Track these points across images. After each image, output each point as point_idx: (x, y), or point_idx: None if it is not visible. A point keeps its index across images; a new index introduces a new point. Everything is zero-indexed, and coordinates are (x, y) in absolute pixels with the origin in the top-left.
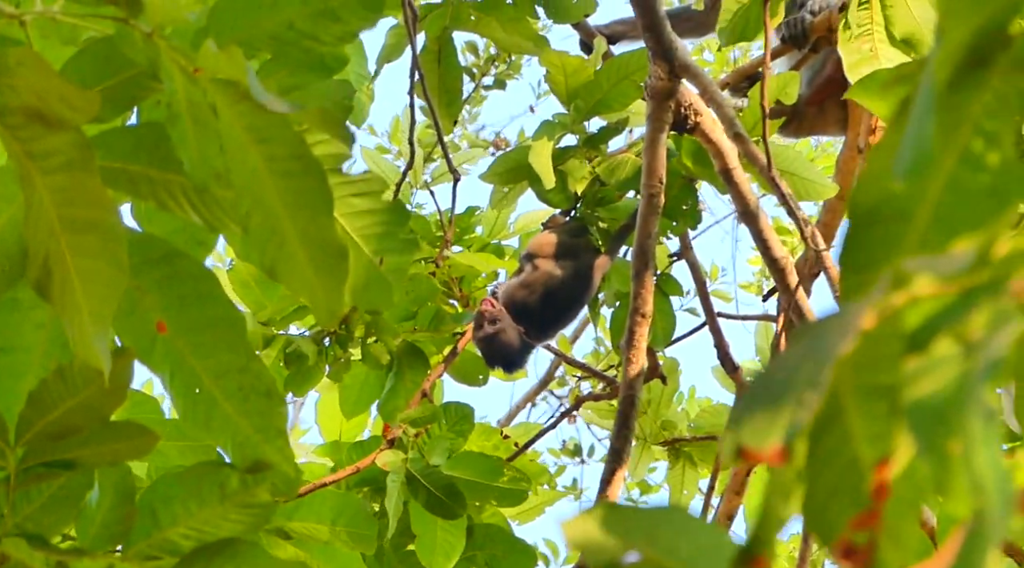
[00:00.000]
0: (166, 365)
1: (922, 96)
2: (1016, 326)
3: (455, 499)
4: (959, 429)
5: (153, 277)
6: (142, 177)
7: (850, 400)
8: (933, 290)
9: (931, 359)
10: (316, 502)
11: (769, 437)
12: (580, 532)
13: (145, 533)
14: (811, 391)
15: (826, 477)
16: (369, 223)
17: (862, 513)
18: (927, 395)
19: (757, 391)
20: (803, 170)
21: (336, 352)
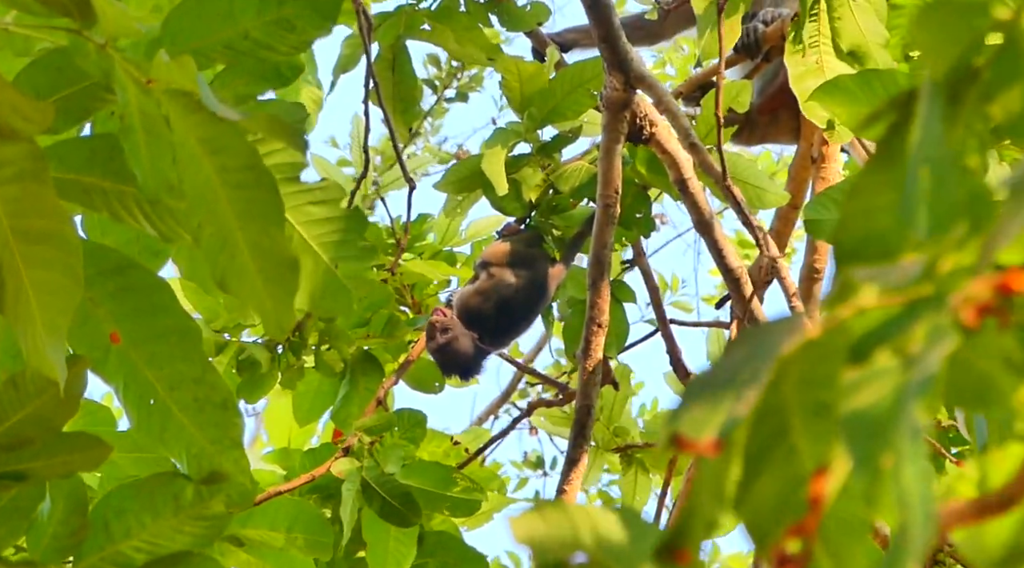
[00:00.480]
0: (120, 376)
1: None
2: (950, 342)
3: (410, 507)
4: (891, 443)
5: (106, 288)
6: (96, 188)
7: (796, 417)
8: (878, 301)
9: (868, 371)
10: (271, 509)
11: (705, 429)
12: (529, 530)
13: (98, 546)
14: (750, 387)
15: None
16: (327, 231)
17: (798, 522)
18: (863, 408)
19: (698, 386)
20: (756, 179)
21: (289, 359)
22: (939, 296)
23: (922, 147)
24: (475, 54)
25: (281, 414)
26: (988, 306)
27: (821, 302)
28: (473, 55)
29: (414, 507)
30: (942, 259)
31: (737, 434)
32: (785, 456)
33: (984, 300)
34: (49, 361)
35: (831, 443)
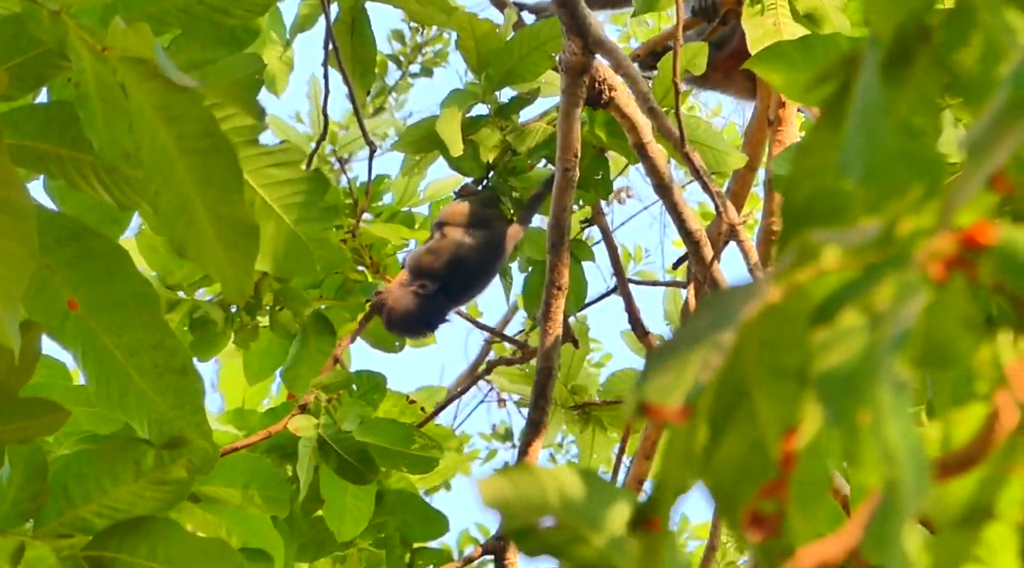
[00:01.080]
0: (78, 343)
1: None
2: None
3: (366, 465)
4: (868, 400)
5: (64, 255)
6: (52, 156)
7: (757, 381)
8: (839, 263)
9: (838, 331)
10: (227, 467)
11: (672, 395)
12: (496, 494)
13: (57, 511)
14: (714, 353)
15: (733, 458)
16: (289, 193)
17: (770, 482)
18: (835, 366)
19: (662, 353)
20: (714, 141)
21: (243, 319)
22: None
23: (859, 102)
24: (435, 15)
25: (235, 374)
26: (955, 260)
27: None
28: (433, 16)
29: (371, 464)
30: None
31: (702, 400)
32: (747, 419)
33: (951, 254)
34: (3, 328)
35: (794, 406)
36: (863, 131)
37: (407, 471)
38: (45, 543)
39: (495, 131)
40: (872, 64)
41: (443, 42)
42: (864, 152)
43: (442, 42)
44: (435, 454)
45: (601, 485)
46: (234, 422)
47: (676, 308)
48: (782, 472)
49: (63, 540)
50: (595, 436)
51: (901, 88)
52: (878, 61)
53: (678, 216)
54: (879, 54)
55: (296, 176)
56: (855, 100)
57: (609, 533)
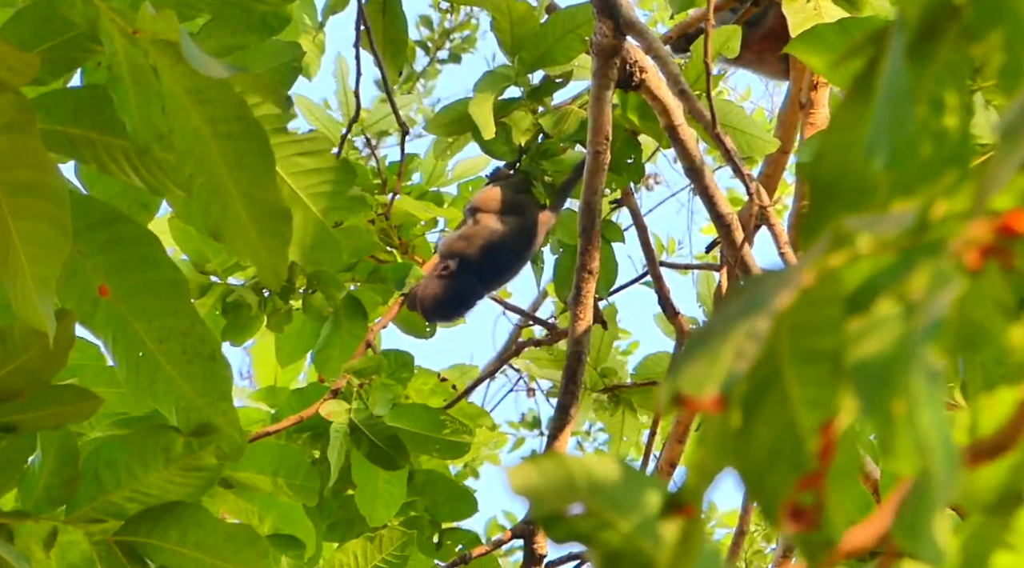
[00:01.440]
0: (108, 329)
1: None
2: (956, 286)
3: (398, 450)
4: (902, 389)
5: (95, 241)
6: (83, 140)
7: (788, 364)
8: (873, 249)
9: (873, 320)
10: (258, 452)
11: (706, 386)
12: (524, 480)
13: (89, 496)
14: (749, 342)
15: (764, 441)
16: (316, 182)
17: (807, 475)
18: (870, 355)
19: (696, 342)
20: (746, 126)
21: (276, 303)
22: (937, 241)
23: (887, 81)
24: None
25: (267, 352)
26: (990, 248)
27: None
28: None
29: (402, 450)
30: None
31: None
32: (779, 404)
33: (986, 242)
34: (39, 314)
35: (826, 389)
36: (889, 109)
37: (438, 456)
38: (77, 528)
39: (527, 114)
40: (899, 41)
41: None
42: (890, 131)
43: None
44: (466, 439)
45: (630, 472)
46: (265, 400)
47: (708, 291)
48: (820, 464)
49: (95, 525)
50: (625, 420)
51: (928, 65)
52: (905, 38)
53: (709, 199)
54: (906, 31)
55: (324, 165)
56: (882, 77)
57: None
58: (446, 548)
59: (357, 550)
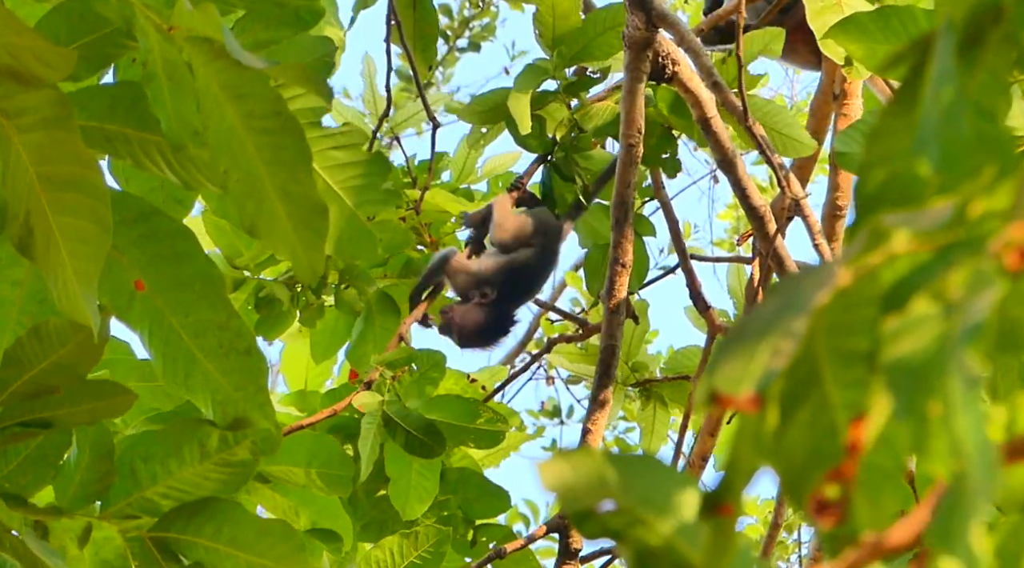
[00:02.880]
0: (144, 323)
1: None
2: (996, 288)
3: (434, 438)
4: (939, 391)
5: (130, 236)
6: (118, 136)
7: (826, 365)
8: (910, 247)
9: (909, 319)
10: (292, 445)
11: (742, 384)
12: (555, 476)
13: (124, 492)
14: (786, 340)
15: (802, 442)
16: (350, 175)
17: (835, 468)
18: (906, 355)
19: (733, 340)
20: (782, 126)
21: (309, 298)
22: (975, 240)
23: (935, 87)
24: None
25: (298, 356)
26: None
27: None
28: None
29: (438, 438)
30: (972, 203)
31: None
32: (817, 404)
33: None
34: (82, 308)
35: (864, 390)
36: (939, 115)
37: (473, 446)
38: (112, 524)
39: (563, 107)
40: (946, 48)
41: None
42: (940, 136)
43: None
44: (501, 428)
45: (662, 468)
46: (296, 404)
47: (740, 284)
48: (849, 459)
49: (129, 521)
50: (656, 414)
51: (974, 70)
52: (952, 44)
53: (741, 191)
54: (953, 37)
55: (358, 158)
56: (929, 84)
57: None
58: (480, 545)
59: (393, 546)
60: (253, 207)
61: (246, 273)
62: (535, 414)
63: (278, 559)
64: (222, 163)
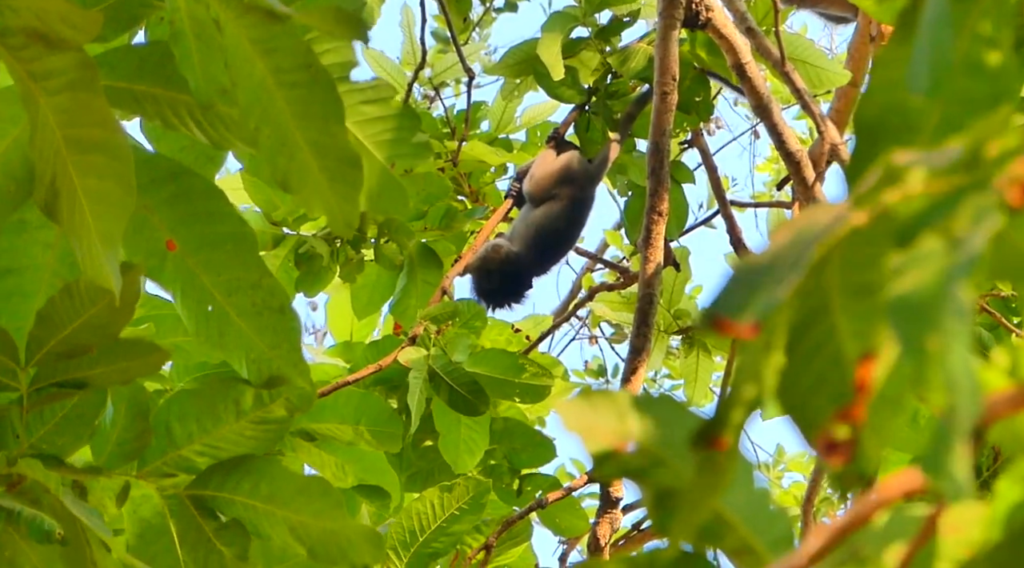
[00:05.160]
0: (177, 283)
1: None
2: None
3: (478, 396)
4: (937, 325)
5: (161, 195)
6: (147, 96)
7: (836, 297)
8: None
9: (915, 255)
10: (340, 403)
11: (744, 311)
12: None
13: (160, 451)
14: (792, 271)
15: (809, 372)
16: (380, 130)
17: (844, 407)
18: (909, 291)
19: (740, 270)
20: (816, 59)
21: (348, 253)
22: (986, 179)
23: (929, 14)
24: None
25: (342, 307)
26: None
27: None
28: None
29: (482, 395)
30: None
31: (778, 319)
32: (827, 339)
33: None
34: (104, 270)
35: (873, 325)
36: (929, 42)
37: (519, 401)
38: (149, 482)
39: (595, 54)
40: None
41: None
42: (930, 64)
43: None
44: (546, 382)
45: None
46: (342, 355)
47: None
48: (858, 398)
49: (167, 479)
50: (699, 362)
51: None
52: None
53: (777, 137)
54: None
55: (388, 112)
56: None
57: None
58: (526, 495)
59: (434, 499)
60: (285, 162)
61: (285, 230)
62: (580, 374)
63: (316, 515)
64: (252, 120)
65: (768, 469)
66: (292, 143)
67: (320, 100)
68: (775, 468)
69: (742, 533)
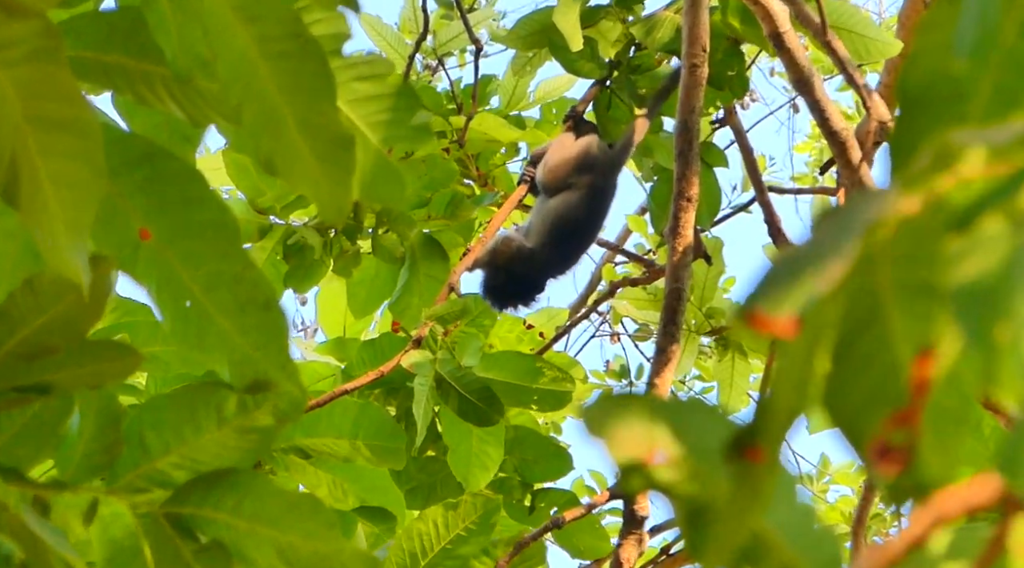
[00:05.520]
0: (152, 276)
1: None
2: None
3: (491, 403)
4: (1007, 313)
5: (134, 179)
6: (117, 68)
7: (890, 297)
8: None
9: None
10: (335, 414)
11: (783, 306)
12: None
13: (133, 463)
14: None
15: (861, 382)
16: (375, 110)
17: (900, 410)
18: (971, 278)
19: (779, 262)
20: (862, 27)
21: (343, 244)
22: None
23: None
24: None
25: (334, 300)
26: None
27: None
28: None
29: (495, 403)
30: None
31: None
32: (879, 340)
33: None
34: (70, 262)
35: (931, 324)
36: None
37: (536, 409)
38: (120, 499)
39: (616, 23)
40: None
41: None
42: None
43: None
44: (567, 387)
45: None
46: (334, 353)
47: None
48: (914, 399)
49: (140, 495)
50: (735, 365)
51: None
52: None
53: (820, 114)
54: None
55: (383, 91)
56: None
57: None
58: (539, 512)
59: (438, 518)
60: (270, 141)
61: (272, 219)
62: (600, 375)
63: (306, 535)
64: (234, 94)
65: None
66: (278, 121)
67: (310, 74)
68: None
69: (784, 556)
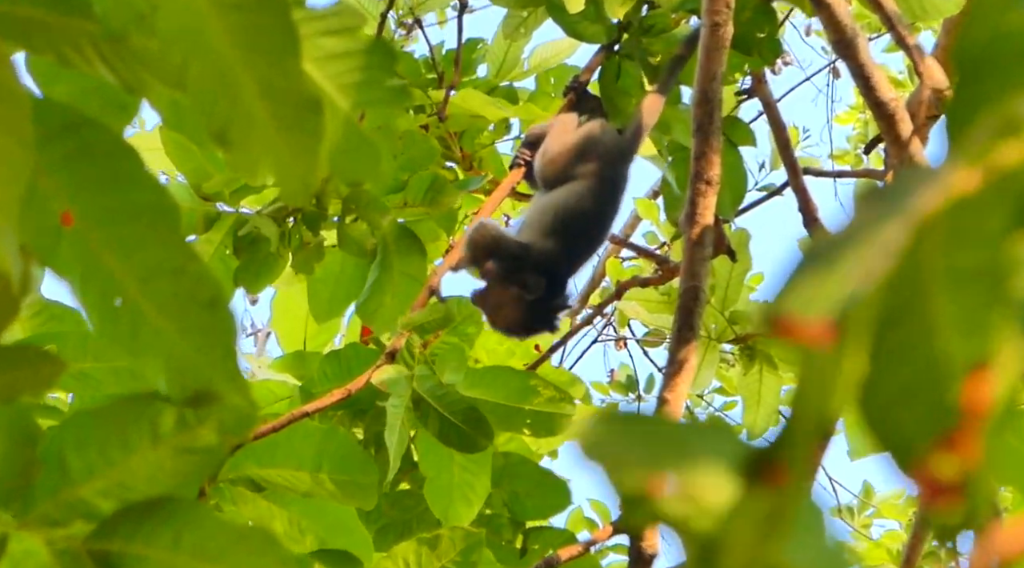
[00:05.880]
0: (75, 268)
1: None
2: None
3: (477, 426)
4: None
5: (55, 155)
6: (36, 24)
7: (937, 285)
8: None
9: None
10: (295, 441)
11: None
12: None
13: (50, 490)
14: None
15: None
16: (345, 69)
17: (948, 433)
18: None
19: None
20: None
21: (303, 235)
22: None
23: None
24: None
25: (292, 301)
26: None
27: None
28: None
29: (482, 425)
30: None
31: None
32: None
33: None
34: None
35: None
36: None
37: (529, 433)
38: (34, 533)
39: None
40: None
41: None
42: None
43: None
44: (565, 408)
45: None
46: (292, 369)
47: None
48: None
49: (58, 529)
50: (763, 379)
51: None
52: None
53: (865, 81)
54: None
55: (354, 47)
56: None
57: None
58: (532, 555)
59: (409, 556)
60: (224, 108)
61: (220, 206)
62: (603, 388)
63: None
64: (178, 52)
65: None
66: (233, 82)
67: (270, 27)
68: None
69: None
